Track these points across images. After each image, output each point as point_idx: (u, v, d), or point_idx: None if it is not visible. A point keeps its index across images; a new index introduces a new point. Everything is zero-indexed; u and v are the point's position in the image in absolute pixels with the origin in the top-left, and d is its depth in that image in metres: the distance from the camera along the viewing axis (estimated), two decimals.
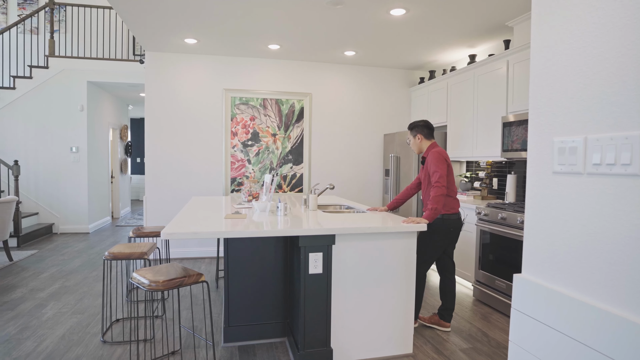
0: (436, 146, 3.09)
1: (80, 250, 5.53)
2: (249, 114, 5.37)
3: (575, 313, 1.25)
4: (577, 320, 1.24)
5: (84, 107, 6.68)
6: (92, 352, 2.66)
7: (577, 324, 1.23)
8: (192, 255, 5.33)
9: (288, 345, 2.80)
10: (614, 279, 1.14)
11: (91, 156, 6.95)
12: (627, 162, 1.14)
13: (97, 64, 6.59)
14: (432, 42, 4.59)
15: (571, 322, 1.25)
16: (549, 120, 1.44)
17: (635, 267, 1.08)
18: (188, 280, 2.29)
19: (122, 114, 9.08)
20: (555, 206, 1.40)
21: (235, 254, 2.81)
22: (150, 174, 5.20)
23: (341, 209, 3.66)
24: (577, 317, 1.24)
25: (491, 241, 3.61)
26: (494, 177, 4.51)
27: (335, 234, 2.43)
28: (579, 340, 1.22)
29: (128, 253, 2.87)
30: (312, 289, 2.45)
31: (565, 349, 1.28)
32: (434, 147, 3.08)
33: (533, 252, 1.49)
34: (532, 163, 1.51)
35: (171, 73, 5.21)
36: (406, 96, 5.93)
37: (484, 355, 2.70)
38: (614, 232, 1.17)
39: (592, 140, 1.25)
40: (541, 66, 1.48)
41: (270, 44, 4.79)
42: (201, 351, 2.71)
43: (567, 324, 1.27)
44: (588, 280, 1.23)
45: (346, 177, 5.80)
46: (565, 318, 1.28)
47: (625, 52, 1.14)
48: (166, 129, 5.22)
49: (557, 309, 1.32)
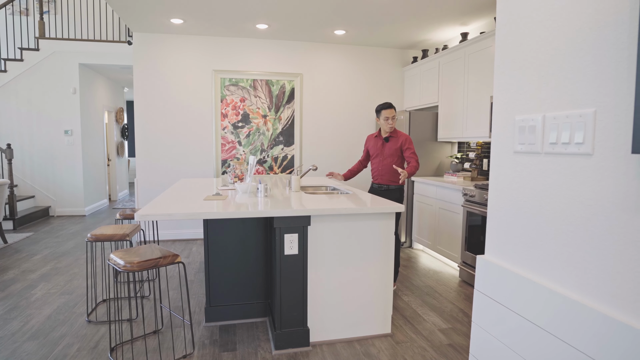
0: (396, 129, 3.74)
1: (74, 233, 5.58)
2: (239, 95, 5.32)
3: (532, 296, 1.23)
4: (534, 303, 1.22)
5: (76, 90, 6.64)
6: (76, 331, 2.71)
7: (534, 307, 1.22)
8: (184, 237, 5.37)
9: (268, 324, 2.83)
10: (568, 260, 1.13)
11: (86, 139, 6.95)
12: (580, 141, 1.11)
13: (89, 46, 6.51)
14: (424, 20, 4.48)
15: (529, 305, 1.24)
16: (511, 98, 1.40)
17: (587, 249, 1.06)
18: (163, 261, 2.30)
19: (117, 97, 9.03)
20: (515, 187, 1.38)
21: (215, 235, 2.82)
22: (141, 156, 5.19)
23: (326, 190, 3.65)
24: (534, 300, 1.23)
25: (477, 222, 3.59)
26: (483, 157, 4.46)
27: (311, 215, 2.42)
28: (537, 324, 1.21)
29: (110, 235, 2.89)
30: (288, 270, 2.46)
31: (523, 332, 1.27)
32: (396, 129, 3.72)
33: (494, 234, 1.48)
34: (496, 143, 1.48)
35: (159, 54, 5.14)
36: (399, 76, 5.84)
37: (462, 335, 2.72)
38: (567, 213, 1.14)
39: (550, 118, 1.22)
40: (504, 40, 1.43)
41: (258, 23, 4.70)
42: (182, 330, 2.75)
43: (525, 306, 1.26)
44: (545, 262, 1.22)
45: (337, 158, 5.76)
46: (524, 300, 1.27)
47: (582, 27, 1.09)
48: (156, 110, 5.19)
49: (516, 291, 1.31)
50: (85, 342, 2.58)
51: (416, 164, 3.46)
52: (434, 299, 3.34)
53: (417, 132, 4.88)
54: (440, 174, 5.05)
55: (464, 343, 2.61)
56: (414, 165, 3.46)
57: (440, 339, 2.66)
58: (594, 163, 1.07)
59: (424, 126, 4.90)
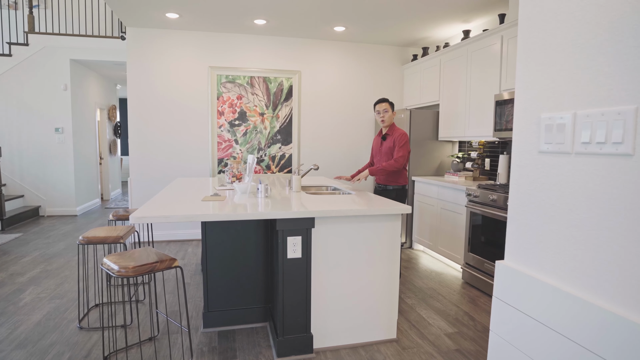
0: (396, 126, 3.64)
1: (65, 233, 5.43)
2: (236, 92, 5.20)
3: (560, 305, 1.15)
4: (562, 313, 1.14)
5: (67, 87, 6.47)
6: (66, 339, 2.59)
7: (561, 317, 1.14)
8: (180, 238, 5.24)
9: (269, 330, 2.73)
10: (602, 269, 1.04)
11: (77, 137, 6.78)
12: (619, 141, 1.02)
13: (80, 41, 6.34)
14: (426, 17, 4.40)
15: (556, 315, 1.16)
16: (536, 94, 1.31)
17: (627, 257, 0.98)
18: (160, 265, 2.19)
19: (110, 94, 8.85)
20: (541, 189, 1.29)
21: (214, 237, 2.71)
22: (135, 154, 5.05)
23: (327, 190, 3.55)
24: (562, 309, 1.14)
25: (481, 223, 3.52)
26: (486, 157, 4.39)
27: (315, 216, 2.32)
28: (563, 333, 1.13)
29: (103, 237, 2.76)
30: (291, 274, 2.35)
31: (548, 342, 1.19)
32: (395, 126, 3.62)
33: (517, 239, 1.39)
34: (518, 142, 1.40)
35: (154, 50, 5.00)
36: (399, 74, 5.75)
37: (469, 339, 2.64)
38: (603, 217, 1.06)
39: (582, 116, 1.13)
40: (528, 34, 1.34)
41: (256, 19, 4.58)
42: (179, 337, 2.64)
43: (551, 316, 1.18)
44: (575, 271, 1.13)
45: (336, 157, 5.67)
46: (550, 310, 1.18)
47: (620, 17, 1.00)
48: (150, 108, 5.05)
49: (541, 300, 1.23)
50: (77, 350, 2.46)
51: (393, 162, 3.43)
52: (438, 302, 3.26)
53: (417, 130, 4.79)
54: (441, 173, 4.98)
55: (471, 348, 2.53)
56: (390, 163, 3.43)
57: (447, 344, 2.57)
58: (635, 164, 0.98)
59: (424, 125, 4.82)
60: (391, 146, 3.56)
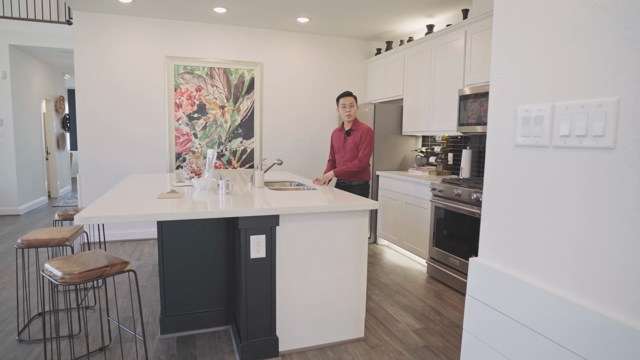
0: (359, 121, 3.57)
1: (6, 235, 4.98)
2: (195, 84, 4.95)
3: (536, 303, 1.11)
4: (538, 311, 1.10)
5: (6, 75, 5.94)
6: (4, 354, 2.33)
7: (538, 315, 1.10)
8: (135, 237, 4.95)
9: (232, 333, 2.59)
10: (582, 267, 1.00)
11: (19, 130, 6.25)
12: (600, 134, 0.98)
13: (21, 25, 5.82)
14: (389, 10, 4.35)
15: (532, 313, 1.12)
16: (512, 86, 1.26)
17: (608, 255, 0.94)
18: (111, 270, 2.00)
19: (57, 84, 8.24)
20: (516, 184, 1.24)
21: (171, 237, 2.53)
22: (84, 149, 4.70)
23: (291, 186, 3.43)
24: (539, 307, 1.10)
25: (445, 217, 3.54)
26: (449, 152, 4.43)
27: (280, 214, 2.21)
28: (540, 332, 1.09)
29: (46, 239, 2.51)
30: (255, 275, 2.23)
31: (526, 342, 1.14)
32: (359, 121, 3.56)
33: (491, 235, 1.34)
34: (492, 135, 1.34)
35: (104, 37, 4.66)
36: (362, 68, 5.70)
37: (437, 335, 2.63)
38: (582, 213, 1.02)
39: (561, 108, 1.09)
40: (503, 23, 1.29)
41: (216, 7, 4.36)
42: (133, 345, 2.45)
43: (527, 314, 1.14)
44: (552, 268, 1.09)
45: (300, 151, 5.55)
46: (526, 308, 1.14)
47: (601, 5, 0.96)
48: (101, 99, 4.71)
49: (517, 298, 1.18)
50: None
51: (357, 162, 3.40)
52: (404, 297, 3.24)
53: (381, 125, 4.77)
54: (405, 168, 4.99)
55: (439, 344, 2.51)
56: (355, 163, 3.40)
57: (415, 341, 2.55)
58: (616, 158, 0.95)
59: (388, 119, 4.80)
60: (357, 142, 3.47)
